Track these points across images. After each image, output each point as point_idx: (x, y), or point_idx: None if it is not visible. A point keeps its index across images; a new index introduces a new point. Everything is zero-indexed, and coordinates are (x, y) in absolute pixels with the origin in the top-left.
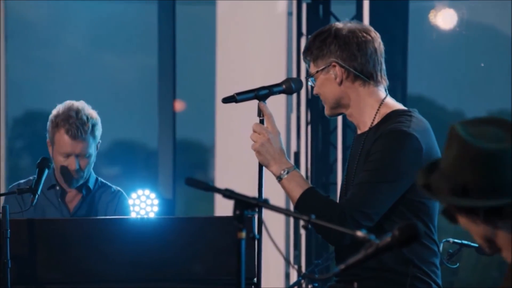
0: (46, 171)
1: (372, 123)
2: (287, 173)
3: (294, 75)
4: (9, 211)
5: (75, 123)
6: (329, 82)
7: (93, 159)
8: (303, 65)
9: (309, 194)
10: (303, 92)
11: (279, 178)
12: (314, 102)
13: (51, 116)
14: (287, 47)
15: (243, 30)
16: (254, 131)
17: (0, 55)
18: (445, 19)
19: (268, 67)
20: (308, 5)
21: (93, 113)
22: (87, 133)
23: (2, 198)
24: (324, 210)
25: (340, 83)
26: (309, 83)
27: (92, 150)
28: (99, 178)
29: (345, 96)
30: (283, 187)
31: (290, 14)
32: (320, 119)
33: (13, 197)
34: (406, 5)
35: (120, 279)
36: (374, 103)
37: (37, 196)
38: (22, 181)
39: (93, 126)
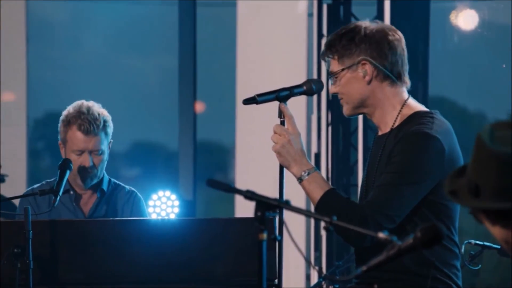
0: (68, 172)
1: (393, 124)
2: (308, 174)
3: (315, 76)
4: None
5: (87, 118)
6: (356, 81)
7: (106, 157)
8: (323, 66)
9: (329, 196)
10: (323, 93)
11: (300, 180)
12: (334, 104)
13: (61, 117)
14: (308, 48)
15: (263, 31)
16: (275, 133)
17: (23, 57)
18: (466, 19)
19: (288, 68)
20: (328, 6)
21: (104, 111)
22: (99, 128)
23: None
24: (345, 212)
25: (369, 82)
26: (330, 82)
27: (105, 147)
28: (112, 179)
29: (371, 95)
30: (304, 188)
31: (310, 15)
32: (340, 120)
33: (27, 201)
34: (427, 6)
35: (141, 281)
36: (397, 104)
37: (58, 197)
38: (36, 185)
39: (105, 122)
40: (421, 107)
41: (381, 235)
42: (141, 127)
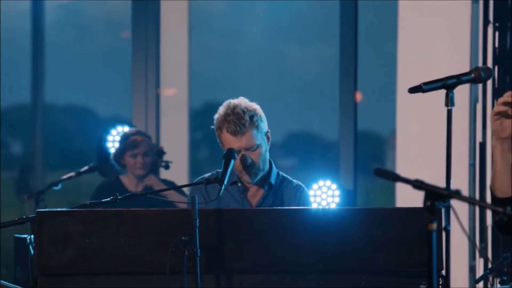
0: (232, 162)
1: None
2: None
3: (480, 64)
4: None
5: (232, 120)
6: None
7: (264, 149)
8: (489, 54)
9: None
10: (489, 81)
11: None
12: (500, 91)
13: (214, 123)
14: (471, 35)
15: (425, 19)
16: None
17: (185, 48)
18: None
19: (450, 56)
20: None
21: (251, 106)
22: (246, 126)
23: (187, 190)
24: None
25: None
26: None
27: (259, 141)
28: (280, 173)
29: None
30: None
31: (475, 1)
32: None
33: (197, 189)
34: None
35: (304, 270)
36: None
37: (223, 186)
38: (206, 174)
39: (251, 117)
40: None
41: None
42: (299, 117)
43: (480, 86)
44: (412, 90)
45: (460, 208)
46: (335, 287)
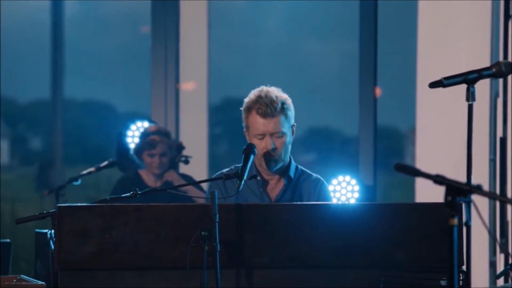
0: (252, 157)
1: None
2: None
3: (501, 58)
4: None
5: (264, 102)
6: None
7: (288, 140)
8: (510, 49)
9: None
10: (510, 75)
11: None
12: None
13: (244, 105)
14: (492, 30)
15: (445, 13)
16: None
17: (204, 44)
18: None
19: (471, 51)
20: None
21: (284, 95)
22: (277, 110)
23: (205, 185)
24: None
25: None
26: None
27: (286, 130)
28: (299, 166)
29: None
30: None
31: None
32: None
33: (216, 184)
34: None
35: (324, 265)
36: None
37: (243, 181)
38: (225, 170)
39: (283, 104)
40: None
41: None
42: (318, 112)
43: (500, 81)
44: (433, 84)
45: (480, 203)
46: (355, 283)
